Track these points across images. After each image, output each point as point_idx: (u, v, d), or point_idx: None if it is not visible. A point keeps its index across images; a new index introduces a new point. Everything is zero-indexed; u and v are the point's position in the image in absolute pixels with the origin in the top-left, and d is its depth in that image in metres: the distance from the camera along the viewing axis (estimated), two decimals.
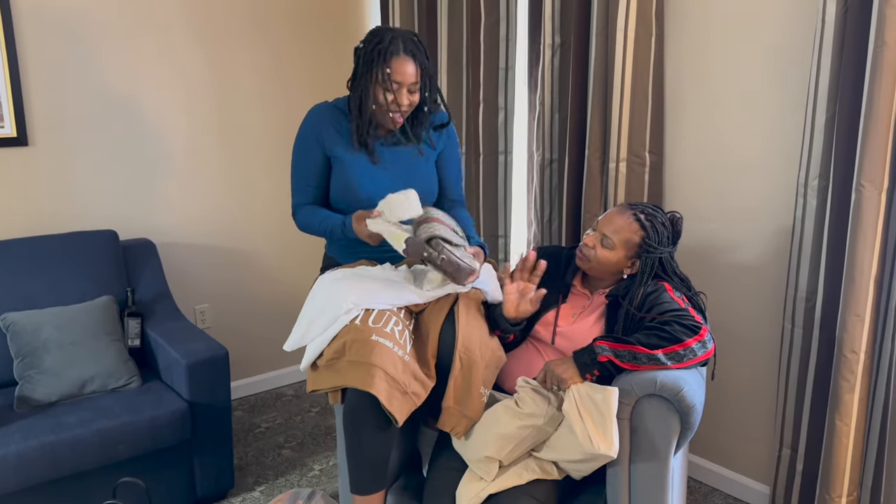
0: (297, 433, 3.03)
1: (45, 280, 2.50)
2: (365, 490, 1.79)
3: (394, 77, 1.89)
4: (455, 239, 1.80)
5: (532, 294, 1.82)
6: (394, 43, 1.88)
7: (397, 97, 1.91)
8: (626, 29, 2.35)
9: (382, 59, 1.88)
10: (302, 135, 2.05)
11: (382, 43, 1.89)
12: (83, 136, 2.81)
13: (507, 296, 1.83)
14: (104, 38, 2.80)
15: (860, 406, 2.01)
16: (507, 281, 1.83)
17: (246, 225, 3.31)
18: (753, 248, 2.33)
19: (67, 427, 2.14)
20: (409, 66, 1.90)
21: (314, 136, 2.02)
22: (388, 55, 1.88)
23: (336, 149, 2.01)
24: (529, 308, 1.83)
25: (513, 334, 1.90)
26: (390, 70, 1.88)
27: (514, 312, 1.84)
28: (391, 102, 1.92)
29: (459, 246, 1.79)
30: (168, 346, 2.44)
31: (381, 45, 1.89)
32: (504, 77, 2.86)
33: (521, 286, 1.83)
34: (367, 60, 1.91)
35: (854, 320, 1.97)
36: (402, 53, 1.89)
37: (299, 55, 3.34)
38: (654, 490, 1.65)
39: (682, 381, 1.62)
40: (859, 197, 1.91)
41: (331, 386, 1.77)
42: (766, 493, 2.40)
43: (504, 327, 1.87)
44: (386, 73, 1.88)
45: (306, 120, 2.05)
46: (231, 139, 3.20)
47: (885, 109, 1.85)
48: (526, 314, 1.85)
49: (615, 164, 2.45)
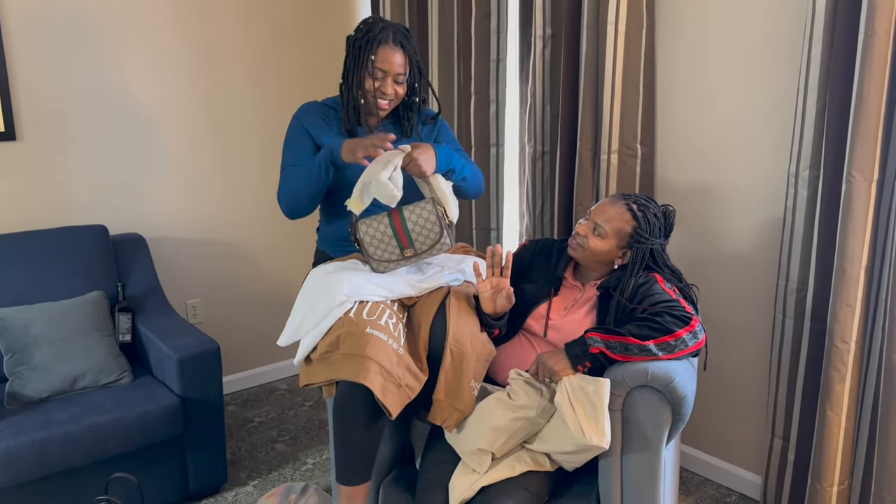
0: (290, 427, 3.03)
1: (34, 275, 2.48)
2: (350, 481, 1.80)
3: (379, 65, 1.92)
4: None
5: (506, 290, 1.82)
6: (383, 32, 1.91)
7: (382, 86, 1.94)
8: (616, 20, 2.34)
9: (369, 47, 1.91)
10: (291, 129, 2.07)
11: (372, 32, 1.92)
12: (72, 131, 2.79)
13: (481, 294, 1.84)
14: (93, 33, 2.78)
15: (851, 396, 2.02)
16: (480, 279, 1.84)
17: (237, 219, 3.30)
18: (744, 238, 2.33)
19: (58, 423, 2.13)
20: (395, 56, 1.92)
21: (303, 128, 2.04)
22: (376, 43, 1.91)
23: (325, 138, 2.03)
24: (506, 304, 1.84)
25: (497, 329, 1.91)
26: (375, 58, 1.91)
27: (491, 309, 1.84)
28: (377, 90, 1.94)
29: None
30: (159, 341, 2.43)
31: (370, 33, 1.92)
32: (495, 69, 2.86)
33: (493, 282, 1.83)
34: (356, 48, 1.94)
35: (845, 310, 1.97)
36: (391, 42, 1.92)
37: (289, 49, 3.33)
38: (646, 481, 1.66)
39: (673, 371, 1.62)
40: (849, 188, 1.92)
41: (325, 379, 1.76)
42: (758, 483, 2.42)
43: (486, 322, 1.88)
44: (371, 61, 1.91)
45: (294, 116, 2.07)
46: (221, 133, 3.18)
47: (874, 100, 1.85)
48: (504, 309, 1.85)
49: (606, 155, 2.45)
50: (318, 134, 2.03)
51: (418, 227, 1.86)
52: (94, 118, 2.83)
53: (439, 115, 2.16)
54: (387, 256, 1.87)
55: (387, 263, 1.88)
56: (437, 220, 1.86)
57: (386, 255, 1.87)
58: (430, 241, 1.88)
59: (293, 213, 2.03)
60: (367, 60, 1.91)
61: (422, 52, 3.09)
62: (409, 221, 1.86)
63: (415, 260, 1.90)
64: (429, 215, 1.86)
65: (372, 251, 1.87)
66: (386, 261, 1.88)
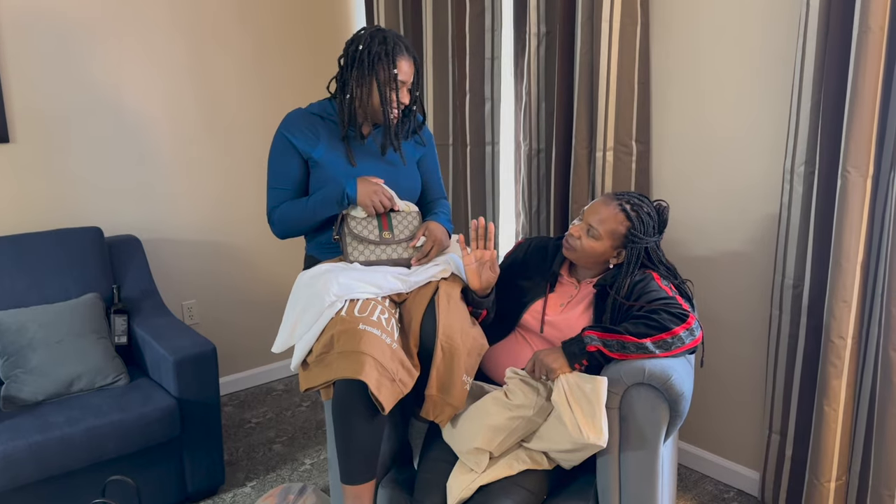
0: (287, 428, 3.03)
1: (29, 278, 2.48)
2: (356, 480, 1.79)
3: (400, 77, 1.96)
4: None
5: (489, 259, 1.84)
6: (397, 44, 1.96)
7: (399, 96, 1.98)
8: (611, 18, 2.34)
9: (389, 59, 1.94)
10: (276, 144, 2.06)
11: (387, 44, 1.95)
12: (67, 133, 2.78)
13: (466, 268, 1.86)
14: (87, 34, 2.77)
15: (847, 391, 2.03)
16: (465, 253, 1.86)
17: (232, 219, 3.29)
18: (741, 235, 2.33)
19: (55, 426, 2.13)
20: (411, 66, 1.99)
21: (289, 143, 2.03)
22: (395, 55, 1.95)
23: (313, 152, 2.03)
24: (491, 274, 1.86)
25: (485, 310, 1.91)
26: (397, 70, 1.95)
27: (477, 282, 1.86)
28: (395, 100, 1.98)
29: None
30: (155, 342, 2.42)
31: (385, 45, 1.94)
32: (490, 67, 2.85)
33: (477, 254, 1.85)
34: (369, 59, 1.94)
35: (841, 306, 1.98)
36: (405, 54, 1.97)
37: (283, 50, 3.32)
38: (644, 478, 1.66)
39: (670, 369, 1.62)
40: (845, 183, 1.92)
41: (323, 381, 1.76)
42: (756, 479, 2.42)
43: (473, 300, 1.88)
44: (393, 73, 1.95)
45: (278, 129, 2.06)
46: (215, 135, 3.18)
47: (869, 95, 1.85)
48: (490, 282, 1.87)
49: (602, 153, 2.45)
50: (306, 147, 2.02)
51: (400, 223, 2.00)
52: (88, 119, 2.82)
53: (424, 121, 2.20)
54: (365, 234, 1.95)
55: (363, 247, 1.94)
56: (418, 224, 2.02)
57: (364, 233, 1.95)
58: (407, 233, 1.99)
59: (286, 237, 2.09)
60: (388, 73, 1.94)
61: (416, 50, 3.08)
62: (394, 219, 2.01)
63: (391, 250, 1.96)
64: (412, 220, 2.02)
65: (354, 224, 1.96)
66: (364, 240, 1.94)
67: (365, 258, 1.94)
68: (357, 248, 1.94)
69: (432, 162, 2.22)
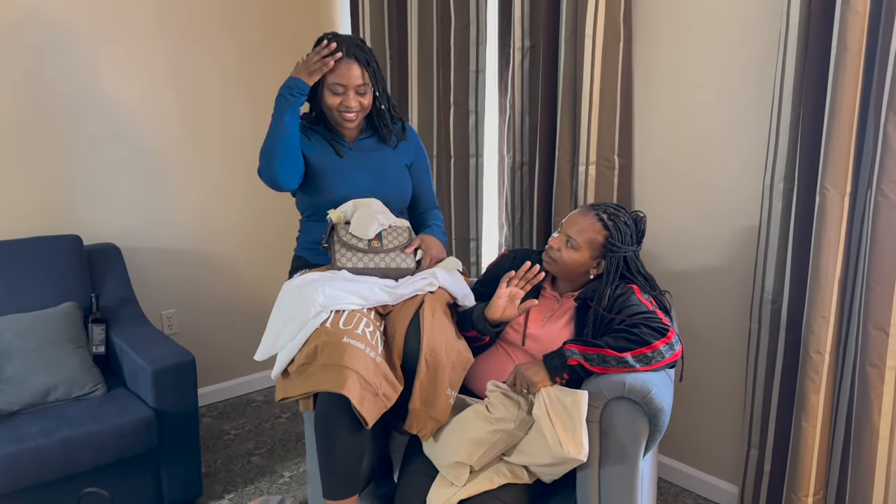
0: (266, 440, 3.00)
1: (5, 286, 2.44)
2: (338, 495, 1.77)
3: (337, 80, 1.97)
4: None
5: (519, 300, 1.85)
6: (340, 48, 1.96)
7: (344, 100, 1.99)
8: (594, 33, 2.36)
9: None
10: None
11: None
12: (45, 139, 2.75)
13: (497, 299, 1.84)
14: (66, 38, 2.75)
15: (825, 406, 2.04)
16: (503, 285, 1.85)
17: (213, 228, 3.27)
18: (720, 250, 2.35)
19: (30, 437, 2.09)
20: (352, 69, 1.97)
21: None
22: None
23: (304, 146, 2.06)
24: (515, 313, 1.85)
25: (489, 336, 1.91)
26: (337, 74, 1.96)
27: (499, 315, 1.85)
28: (339, 105, 2.00)
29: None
30: (133, 352, 2.39)
31: None
32: (475, 80, 2.87)
33: (513, 291, 1.84)
34: None
35: (819, 321, 2.00)
36: (345, 57, 1.96)
37: (268, 58, 3.31)
38: (623, 492, 1.66)
39: (650, 383, 1.63)
40: (823, 200, 1.94)
41: (302, 392, 1.75)
42: (735, 493, 2.43)
43: (483, 329, 1.88)
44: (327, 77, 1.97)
45: None
46: (197, 141, 3.16)
47: (847, 114, 1.88)
48: (510, 318, 1.86)
49: (584, 167, 2.46)
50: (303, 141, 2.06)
51: (389, 234, 2.02)
52: (67, 126, 2.79)
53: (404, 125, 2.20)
54: (353, 242, 1.95)
55: (350, 254, 1.94)
56: (408, 237, 2.03)
57: (353, 242, 1.95)
58: (396, 244, 1.99)
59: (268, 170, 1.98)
60: (329, 77, 1.97)
61: (401, 63, 3.09)
62: (383, 231, 2.01)
63: (379, 259, 1.96)
64: (402, 233, 2.03)
65: (343, 233, 1.96)
66: (352, 247, 1.94)
67: (353, 265, 1.93)
68: (345, 254, 1.94)
69: (423, 170, 2.23)
